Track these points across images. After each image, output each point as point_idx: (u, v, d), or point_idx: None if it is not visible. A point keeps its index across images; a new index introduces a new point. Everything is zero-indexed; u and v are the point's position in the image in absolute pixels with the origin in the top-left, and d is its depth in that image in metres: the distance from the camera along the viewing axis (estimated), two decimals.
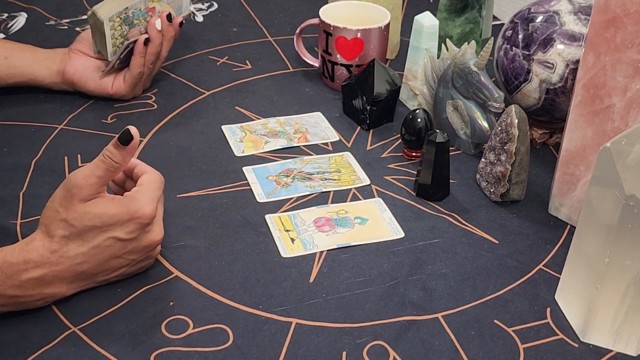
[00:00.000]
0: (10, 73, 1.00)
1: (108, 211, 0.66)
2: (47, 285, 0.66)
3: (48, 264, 0.65)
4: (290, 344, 0.69)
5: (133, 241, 0.68)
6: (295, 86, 1.10)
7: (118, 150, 0.66)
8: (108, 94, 1.02)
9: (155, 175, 0.71)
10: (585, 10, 0.90)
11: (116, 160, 0.66)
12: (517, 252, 0.80)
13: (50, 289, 0.67)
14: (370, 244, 0.81)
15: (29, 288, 0.65)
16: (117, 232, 0.66)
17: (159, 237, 0.70)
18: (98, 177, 0.66)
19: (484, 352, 0.68)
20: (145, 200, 0.68)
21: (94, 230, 0.66)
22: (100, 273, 0.69)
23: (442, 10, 1.09)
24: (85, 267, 0.67)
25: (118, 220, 0.66)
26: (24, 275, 0.65)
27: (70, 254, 0.66)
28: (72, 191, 0.65)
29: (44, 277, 0.66)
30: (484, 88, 0.90)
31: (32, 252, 0.65)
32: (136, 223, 0.67)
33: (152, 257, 0.73)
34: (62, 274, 0.66)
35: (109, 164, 0.66)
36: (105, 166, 0.66)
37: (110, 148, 0.66)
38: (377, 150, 0.96)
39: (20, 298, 0.66)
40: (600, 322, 0.68)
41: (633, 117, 0.74)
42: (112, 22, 0.94)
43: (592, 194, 0.67)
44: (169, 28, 1.00)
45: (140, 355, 0.67)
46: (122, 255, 0.69)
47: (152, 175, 0.71)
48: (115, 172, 0.67)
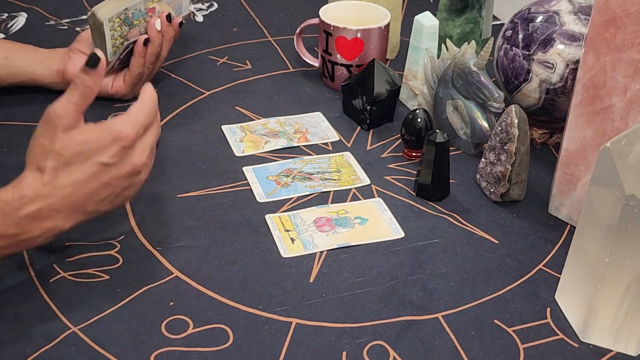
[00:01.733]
0: (11, 73, 1.00)
1: (91, 136, 0.66)
2: (44, 219, 0.66)
3: (42, 197, 0.66)
4: (290, 344, 0.69)
5: (117, 165, 0.68)
6: (295, 86, 1.10)
7: (88, 75, 0.67)
8: (108, 94, 1.02)
9: (144, 104, 0.71)
10: (585, 10, 0.90)
11: (88, 84, 0.67)
12: (517, 252, 0.80)
13: (48, 222, 0.67)
14: (370, 244, 0.81)
15: (27, 224, 0.66)
16: (101, 156, 0.66)
17: (140, 161, 0.69)
18: (74, 104, 0.66)
19: (484, 352, 0.68)
20: (127, 123, 0.68)
21: (80, 156, 0.66)
22: (91, 202, 0.69)
23: (442, 10, 1.09)
24: (75, 197, 0.67)
25: (101, 144, 0.66)
26: (22, 211, 0.65)
27: (61, 184, 0.66)
28: (54, 122, 0.66)
29: (40, 211, 0.66)
30: (484, 88, 0.90)
31: (26, 187, 0.66)
32: (118, 146, 0.67)
33: (136, 183, 0.71)
34: (56, 206, 0.67)
35: (82, 90, 0.66)
36: (78, 93, 0.66)
37: (80, 74, 0.67)
38: (377, 150, 0.96)
39: (21, 235, 0.66)
40: (600, 322, 0.68)
41: (633, 117, 0.74)
42: (112, 22, 0.94)
43: (592, 194, 0.67)
44: (169, 28, 1.00)
45: (140, 355, 0.67)
46: (108, 182, 0.68)
47: (140, 104, 0.71)
48: (89, 96, 0.67)
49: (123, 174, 0.69)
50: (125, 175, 0.69)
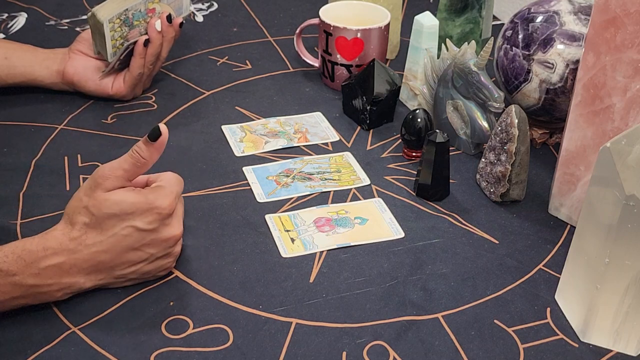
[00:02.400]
0: (11, 73, 1.00)
1: (127, 199, 0.66)
2: (65, 274, 0.66)
3: (66, 252, 0.66)
4: (290, 344, 0.69)
5: (152, 232, 0.68)
6: (295, 86, 1.10)
7: (146, 146, 0.68)
8: (108, 95, 1.02)
9: (173, 174, 0.73)
10: (585, 10, 0.90)
11: (143, 155, 0.68)
12: (517, 252, 0.80)
13: (68, 278, 0.67)
14: (370, 244, 0.81)
15: (47, 276, 0.66)
16: (136, 221, 0.67)
17: (178, 232, 0.70)
18: (124, 170, 0.67)
19: (484, 352, 0.68)
20: (164, 192, 0.68)
21: (113, 218, 0.66)
22: (118, 266, 0.69)
23: (442, 10, 1.09)
24: (103, 257, 0.67)
25: (137, 209, 0.67)
26: (43, 263, 0.65)
27: (88, 242, 0.66)
28: (97, 181, 0.66)
29: (62, 265, 0.66)
30: (484, 88, 0.90)
31: (51, 240, 0.66)
32: (155, 214, 0.67)
33: (171, 255, 0.72)
34: (80, 263, 0.67)
35: (136, 159, 0.67)
36: (132, 160, 0.67)
37: (139, 144, 0.68)
38: (377, 150, 0.96)
39: (39, 288, 0.66)
40: (600, 322, 0.68)
41: (633, 117, 0.74)
42: (112, 23, 0.94)
43: (592, 194, 0.67)
44: (169, 29, 1.00)
45: (140, 355, 0.67)
46: (140, 248, 0.68)
47: (170, 174, 0.72)
48: (141, 167, 0.68)
49: (158, 242, 0.69)
50: (160, 243, 0.69)
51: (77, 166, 0.91)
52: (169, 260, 0.72)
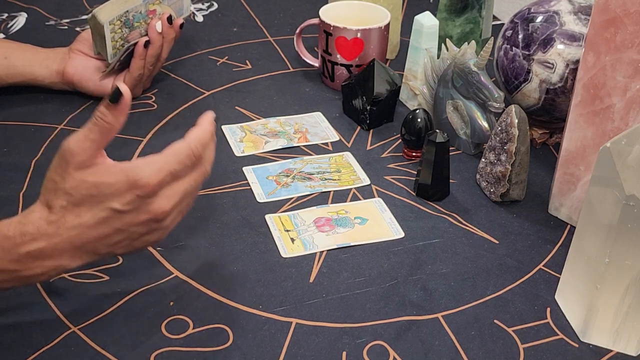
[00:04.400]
0: (10, 73, 1.00)
1: (105, 180, 0.61)
2: (47, 258, 0.63)
3: (46, 236, 0.62)
4: (290, 344, 0.69)
5: (131, 213, 0.62)
6: (295, 86, 1.10)
7: (109, 110, 0.61)
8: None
9: (179, 145, 0.64)
10: (585, 10, 0.90)
11: (108, 120, 0.61)
12: (517, 252, 0.80)
13: (51, 261, 0.63)
14: (370, 244, 0.81)
15: (28, 262, 0.63)
16: (113, 202, 0.61)
17: (162, 209, 0.63)
18: (92, 141, 0.61)
19: (484, 352, 0.68)
20: (149, 171, 0.62)
21: (90, 199, 0.62)
22: (102, 246, 0.64)
23: (442, 10, 1.09)
24: (83, 240, 0.63)
25: (115, 189, 0.61)
26: (22, 249, 0.62)
27: (67, 225, 0.62)
28: (66, 158, 0.61)
29: (43, 250, 0.63)
30: (484, 88, 0.90)
31: (29, 224, 0.62)
32: (133, 194, 0.61)
33: (159, 230, 0.65)
34: (61, 246, 0.63)
35: (102, 126, 0.61)
36: (98, 128, 0.61)
37: (101, 108, 0.61)
38: (377, 150, 0.96)
39: (22, 272, 0.63)
40: (600, 322, 0.68)
41: (633, 117, 0.74)
42: (112, 25, 0.94)
43: (592, 194, 0.67)
44: (170, 30, 1.00)
45: (140, 355, 0.67)
46: (122, 227, 0.63)
47: (177, 146, 0.64)
48: (109, 134, 0.62)
49: (139, 221, 0.63)
50: (142, 222, 0.64)
51: None
52: (158, 234, 0.66)
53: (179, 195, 0.64)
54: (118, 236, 0.64)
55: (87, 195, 0.61)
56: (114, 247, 0.65)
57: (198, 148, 0.65)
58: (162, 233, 0.66)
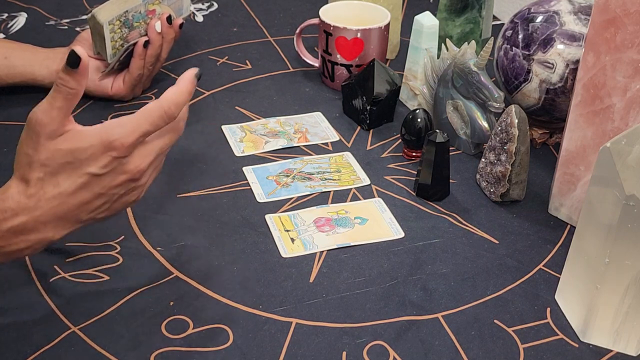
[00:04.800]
0: (10, 73, 1.00)
1: (80, 145, 0.61)
2: (30, 232, 0.62)
3: (26, 210, 0.62)
4: (290, 344, 0.69)
5: (109, 175, 0.62)
6: (295, 86, 1.10)
7: (70, 75, 0.60)
8: (107, 95, 1.02)
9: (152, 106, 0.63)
10: (585, 10, 0.90)
11: (71, 85, 0.60)
12: (517, 252, 0.80)
13: (35, 234, 0.63)
14: (370, 244, 0.81)
15: (11, 237, 0.62)
16: (90, 166, 0.61)
17: (138, 168, 0.63)
18: (58, 109, 0.60)
19: (484, 352, 0.68)
20: (122, 131, 0.61)
21: (67, 167, 0.61)
22: (83, 213, 0.64)
23: (442, 10, 1.09)
24: (65, 208, 0.63)
25: (91, 153, 0.61)
26: (4, 225, 0.61)
27: (47, 196, 0.62)
28: (36, 130, 0.61)
29: (25, 225, 0.62)
30: (484, 88, 0.90)
31: (8, 200, 0.62)
32: (109, 156, 0.61)
33: (137, 188, 0.65)
34: (42, 218, 0.62)
35: (65, 92, 0.60)
36: (62, 95, 0.60)
37: (61, 75, 0.60)
38: (377, 150, 0.96)
39: (5, 248, 0.62)
40: (600, 322, 0.68)
41: (633, 117, 0.74)
42: (112, 25, 0.94)
43: (592, 194, 0.67)
44: (169, 30, 1.00)
45: (140, 355, 0.67)
46: (101, 192, 0.63)
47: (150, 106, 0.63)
48: (73, 99, 0.61)
49: (117, 182, 0.63)
50: (120, 183, 0.64)
51: None
52: (137, 193, 0.66)
53: (154, 153, 0.65)
54: (98, 200, 0.64)
55: (63, 163, 0.61)
56: (95, 212, 0.65)
57: (171, 108, 0.64)
58: (140, 191, 0.66)
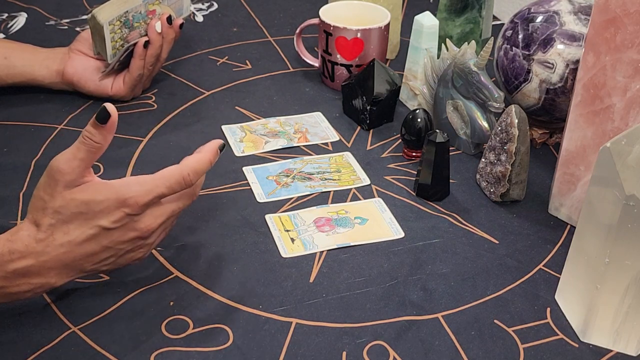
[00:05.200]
0: (10, 73, 1.00)
1: (95, 197, 0.62)
2: (34, 276, 0.64)
3: (34, 254, 0.63)
4: (290, 344, 0.69)
5: (119, 230, 0.64)
6: (295, 86, 1.10)
7: (97, 130, 0.62)
8: (107, 95, 1.02)
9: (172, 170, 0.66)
10: (585, 10, 0.90)
11: (96, 140, 0.62)
12: (517, 252, 0.80)
13: (38, 279, 0.64)
14: (370, 244, 0.81)
15: (15, 279, 0.63)
16: (102, 220, 0.63)
17: (149, 227, 0.65)
18: (80, 160, 0.62)
19: (484, 352, 0.68)
20: (139, 190, 0.63)
21: (79, 217, 0.63)
22: (88, 263, 0.66)
23: (442, 10, 1.09)
24: (71, 257, 0.64)
25: (104, 207, 0.62)
26: (10, 266, 0.62)
27: (56, 243, 0.63)
28: (55, 177, 0.62)
29: (30, 268, 0.63)
30: (484, 88, 0.90)
31: (17, 242, 0.63)
32: (121, 212, 0.63)
33: (144, 246, 0.68)
34: (48, 264, 0.64)
35: (90, 145, 0.62)
36: (86, 148, 0.62)
37: (89, 128, 0.62)
38: (377, 150, 0.96)
39: (8, 289, 0.64)
40: (600, 322, 0.68)
41: (633, 117, 0.74)
42: (112, 25, 0.94)
43: (592, 194, 0.67)
44: (169, 30, 1.00)
45: (140, 355, 0.67)
46: (109, 245, 0.65)
47: (170, 170, 0.66)
48: (97, 152, 0.64)
49: (126, 238, 0.65)
50: (129, 240, 0.65)
51: None
52: (143, 251, 0.68)
53: (166, 215, 0.67)
54: (104, 253, 0.66)
55: (76, 212, 0.63)
56: (100, 264, 0.67)
57: (190, 175, 0.66)
58: (147, 250, 0.69)
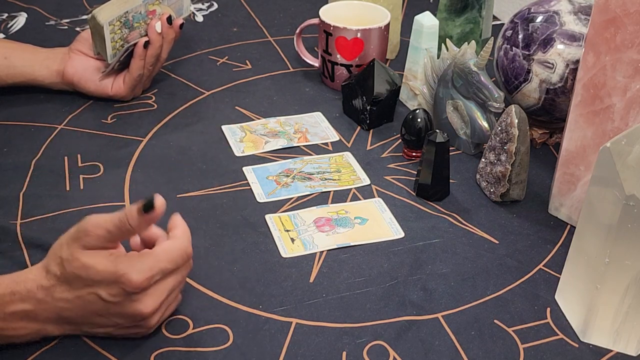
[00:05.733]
0: (11, 73, 1.00)
1: (96, 266, 0.61)
2: (32, 321, 0.64)
3: (34, 300, 0.63)
4: (290, 344, 0.69)
5: (116, 305, 0.63)
6: (295, 86, 1.10)
7: (138, 215, 0.62)
8: (107, 95, 1.02)
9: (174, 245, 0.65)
10: (585, 10, 0.90)
11: (131, 223, 0.62)
12: (517, 252, 0.80)
13: (35, 324, 0.64)
14: (370, 244, 0.81)
15: (13, 321, 0.63)
16: (100, 290, 0.62)
17: (146, 311, 0.63)
18: (107, 231, 0.62)
19: (484, 352, 0.68)
20: (140, 267, 0.62)
21: (78, 280, 0.62)
22: (85, 325, 0.65)
23: (442, 10, 1.09)
24: (68, 314, 0.64)
25: (102, 278, 0.61)
26: (9, 308, 0.62)
27: (56, 296, 0.63)
28: (79, 234, 0.62)
29: (28, 313, 0.63)
30: (484, 88, 0.90)
31: (22, 284, 0.63)
32: (119, 287, 0.62)
33: (143, 327, 0.66)
34: (46, 313, 0.64)
35: (123, 224, 0.62)
36: (118, 224, 0.62)
37: (131, 209, 0.62)
38: (377, 150, 0.96)
39: (5, 331, 0.63)
40: (600, 322, 0.68)
41: (633, 117, 0.74)
42: (112, 26, 0.94)
43: (592, 194, 0.67)
44: (169, 30, 1.00)
45: (140, 355, 0.67)
46: (105, 315, 0.64)
47: (171, 244, 0.65)
48: (126, 234, 0.63)
49: (123, 315, 0.64)
50: (125, 316, 0.64)
51: (77, 166, 0.91)
52: (140, 331, 0.67)
53: (166, 292, 0.65)
54: (101, 321, 0.65)
55: (75, 274, 0.62)
56: (96, 330, 0.66)
57: (189, 247, 0.66)
58: (146, 330, 0.67)
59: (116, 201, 0.85)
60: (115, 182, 0.88)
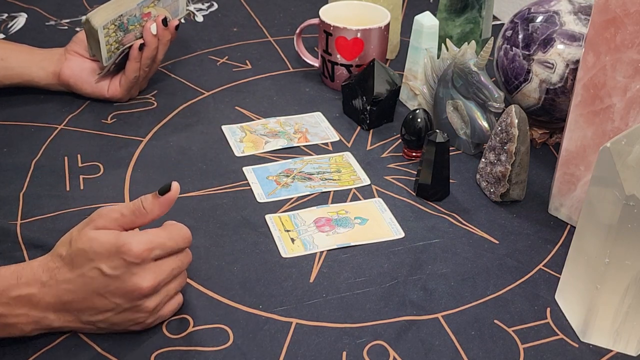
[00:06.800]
0: (8, 74, 1.00)
1: (99, 237, 0.62)
2: (34, 307, 0.64)
3: (39, 283, 0.63)
4: (290, 344, 0.69)
5: (115, 279, 0.63)
6: (295, 86, 1.10)
7: (152, 198, 0.64)
8: (104, 97, 1.02)
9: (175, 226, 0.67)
10: (585, 10, 0.90)
11: (145, 205, 0.64)
12: (517, 252, 0.80)
13: (37, 312, 0.64)
14: (370, 244, 0.81)
15: (16, 306, 0.63)
16: (101, 263, 0.62)
17: (145, 285, 0.63)
18: (121, 214, 0.64)
19: (484, 352, 0.68)
20: (141, 239, 0.63)
21: (82, 255, 0.63)
22: (85, 310, 0.65)
23: (442, 10, 1.09)
24: (69, 297, 0.64)
25: (105, 250, 0.62)
26: (14, 292, 0.63)
27: (59, 278, 0.63)
28: (92, 217, 0.64)
29: (32, 297, 0.63)
30: (484, 88, 0.90)
31: (27, 268, 0.64)
32: (120, 258, 0.62)
33: (141, 310, 0.65)
34: (48, 298, 0.64)
35: (137, 207, 0.64)
36: (133, 207, 0.64)
37: (147, 195, 0.65)
38: (377, 150, 0.96)
39: (7, 318, 0.63)
40: (600, 322, 0.68)
41: (633, 117, 0.74)
42: (107, 29, 0.94)
43: (592, 194, 0.67)
44: (165, 32, 1.00)
45: (140, 355, 0.67)
46: (105, 294, 0.63)
47: (171, 224, 0.67)
48: (139, 218, 0.64)
49: (122, 291, 0.63)
50: (124, 293, 0.64)
51: (77, 166, 0.91)
52: (140, 315, 0.66)
53: (165, 273, 0.65)
54: (101, 304, 0.64)
55: (80, 249, 0.63)
56: (96, 317, 0.65)
57: (189, 232, 0.67)
58: (146, 316, 0.66)
59: (116, 201, 0.85)
60: (115, 182, 0.88)
